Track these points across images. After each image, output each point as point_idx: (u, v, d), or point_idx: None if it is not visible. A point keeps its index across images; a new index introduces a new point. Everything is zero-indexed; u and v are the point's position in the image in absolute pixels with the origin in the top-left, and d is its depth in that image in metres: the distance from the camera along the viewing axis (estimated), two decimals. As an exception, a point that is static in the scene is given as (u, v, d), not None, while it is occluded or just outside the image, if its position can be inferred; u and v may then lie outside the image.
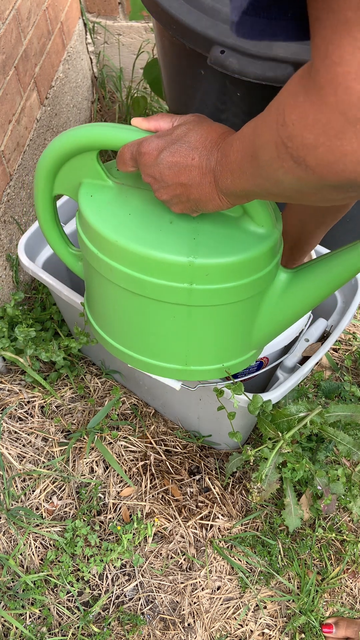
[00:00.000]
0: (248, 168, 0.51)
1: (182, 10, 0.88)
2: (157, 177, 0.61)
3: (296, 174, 0.43)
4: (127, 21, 1.76)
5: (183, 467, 1.22)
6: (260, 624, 1.06)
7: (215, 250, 0.66)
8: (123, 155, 0.65)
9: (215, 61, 0.84)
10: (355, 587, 1.11)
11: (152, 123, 0.65)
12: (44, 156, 0.72)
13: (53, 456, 1.20)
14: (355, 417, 0.98)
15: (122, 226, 0.69)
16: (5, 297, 1.32)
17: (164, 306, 0.71)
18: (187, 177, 0.58)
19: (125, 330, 0.80)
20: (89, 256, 0.74)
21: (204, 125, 0.60)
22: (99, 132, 0.67)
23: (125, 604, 1.07)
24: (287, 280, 0.73)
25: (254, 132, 0.49)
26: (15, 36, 1.24)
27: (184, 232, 0.67)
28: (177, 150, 0.58)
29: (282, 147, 0.43)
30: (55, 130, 1.56)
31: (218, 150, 0.56)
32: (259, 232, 0.69)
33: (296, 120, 0.40)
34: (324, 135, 0.38)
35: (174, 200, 0.63)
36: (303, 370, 0.97)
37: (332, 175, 0.40)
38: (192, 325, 0.73)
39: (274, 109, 0.44)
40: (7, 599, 1.05)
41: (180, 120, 0.64)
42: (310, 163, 0.41)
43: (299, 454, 0.98)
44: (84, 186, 0.73)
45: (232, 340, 0.77)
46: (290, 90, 0.41)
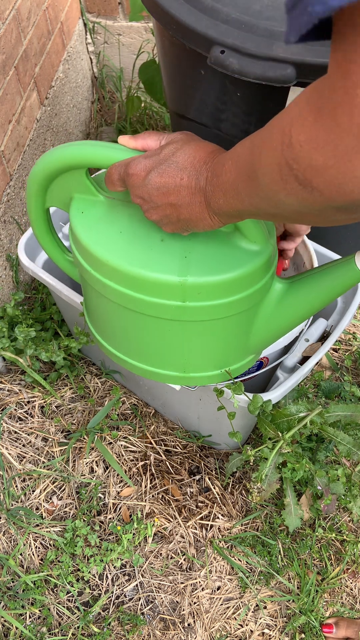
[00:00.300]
0: (243, 189, 0.49)
1: (182, 10, 0.88)
2: (145, 198, 0.60)
3: (300, 196, 0.42)
4: (127, 21, 1.76)
5: (183, 467, 1.22)
6: (260, 624, 1.06)
7: (207, 269, 0.66)
8: (111, 176, 0.64)
9: (215, 61, 0.83)
10: (355, 587, 1.11)
11: (139, 142, 0.64)
12: (33, 172, 0.72)
13: (53, 456, 1.20)
14: (355, 417, 0.98)
15: (113, 245, 0.69)
16: (5, 297, 1.32)
17: (158, 321, 0.71)
18: (176, 198, 0.57)
19: (122, 339, 0.80)
20: (82, 271, 0.74)
21: (191, 144, 0.59)
22: (86, 151, 0.66)
23: (125, 604, 1.07)
24: (283, 290, 0.73)
25: (251, 152, 0.47)
26: (15, 36, 1.24)
27: (175, 250, 0.67)
28: (165, 171, 0.57)
29: (286, 169, 0.42)
30: (55, 130, 1.57)
31: (207, 170, 0.55)
32: (252, 248, 0.68)
33: (304, 142, 0.39)
34: (334, 157, 0.37)
35: (164, 220, 0.62)
36: (303, 370, 0.97)
37: (340, 196, 0.39)
38: (188, 337, 0.73)
39: (277, 129, 0.43)
40: (7, 599, 1.05)
41: (167, 138, 0.63)
42: (317, 185, 0.40)
43: (299, 454, 0.98)
44: (75, 201, 0.73)
45: (229, 349, 0.77)
46: (298, 110, 0.40)
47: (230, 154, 0.52)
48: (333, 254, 1.14)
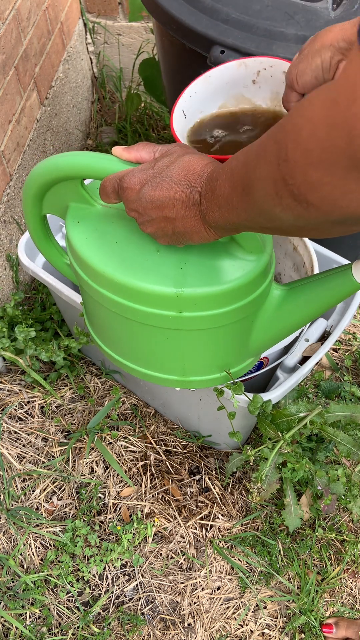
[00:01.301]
0: (238, 203, 0.49)
1: (182, 10, 0.89)
2: (140, 212, 0.60)
3: (296, 212, 0.42)
4: (127, 21, 1.76)
5: (183, 467, 1.22)
6: (260, 624, 1.06)
7: (203, 280, 0.66)
8: (105, 189, 0.64)
9: (215, 61, 0.84)
10: (355, 587, 1.11)
11: (133, 153, 0.64)
12: (28, 182, 0.72)
13: (53, 456, 1.20)
14: (355, 417, 0.98)
15: (109, 255, 0.68)
16: (5, 297, 1.32)
17: (155, 329, 0.71)
18: (171, 211, 0.57)
19: (121, 344, 0.80)
20: (80, 280, 0.74)
21: (185, 157, 0.58)
22: (80, 162, 0.66)
23: (125, 604, 1.07)
24: (282, 296, 0.72)
25: (246, 166, 0.47)
26: (15, 36, 1.24)
27: (171, 261, 0.67)
28: (159, 184, 0.57)
29: (281, 184, 0.41)
30: (55, 130, 1.57)
31: (201, 184, 0.55)
32: (248, 258, 0.68)
33: (299, 157, 0.38)
34: (329, 174, 0.37)
35: (159, 233, 0.62)
36: (303, 370, 0.97)
37: (336, 211, 0.39)
38: (185, 345, 0.73)
39: (273, 143, 0.42)
40: (7, 599, 1.05)
41: (161, 151, 0.62)
42: (313, 201, 0.40)
43: (299, 454, 0.98)
44: (71, 210, 0.73)
45: (227, 354, 0.78)
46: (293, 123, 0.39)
47: (224, 167, 0.52)
48: (333, 254, 1.14)
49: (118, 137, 1.84)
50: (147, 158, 0.64)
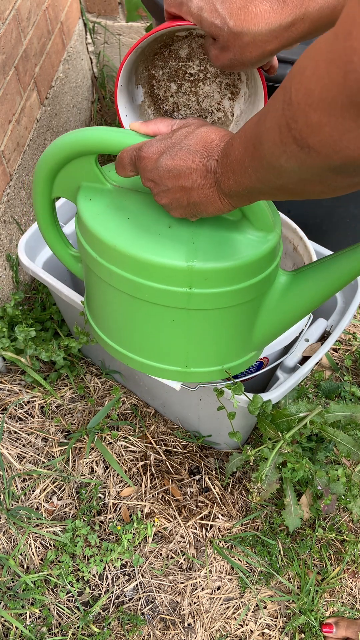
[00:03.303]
0: (250, 162, 0.50)
1: (182, 10, 0.88)
2: (156, 181, 0.61)
3: (299, 159, 0.43)
4: (127, 21, 1.76)
5: (183, 467, 1.22)
6: (260, 624, 1.06)
7: (214, 255, 0.66)
8: (122, 160, 0.65)
9: (215, 61, 0.83)
10: (355, 587, 1.11)
11: (150, 127, 0.65)
12: (42, 159, 0.72)
13: (53, 456, 1.20)
14: (355, 417, 0.98)
15: (120, 230, 0.69)
16: (5, 297, 1.32)
17: (162, 309, 0.71)
18: (188, 180, 0.58)
19: (125, 332, 0.80)
20: (88, 259, 0.74)
21: (203, 128, 0.59)
22: (97, 135, 0.67)
23: (125, 604, 1.07)
24: (287, 282, 0.73)
25: (257, 122, 0.48)
26: (15, 36, 1.24)
27: (182, 236, 0.67)
28: (176, 154, 0.58)
29: (285, 129, 0.42)
30: (55, 130, 1.56)
31: (218, 152, 0.56)
32: (258, 236, 0.69)
33: (302, 98, 0.39)
34: (327, 114, 0.37)
35: (174, 204, 0.62)
36: (303, 370, 0.97)
37: (336, 154, 0.39)
38: (192, 328, 0.73)
39: (281, 89, 0.43)
40: (7, 599, 1.05)
41: (179, 123, 0.63)
42: (313, 144, 0.40)
43: (299, 454, 0.98)
44: (83, 189, 0.73)
45: (232, 342, 0.77)
46: (299, 65, 0.40)
47: (239, 132, 0.53)
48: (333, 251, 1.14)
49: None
50: (164, 131, 0.64)
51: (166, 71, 0.80)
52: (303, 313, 0.75)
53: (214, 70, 0.79)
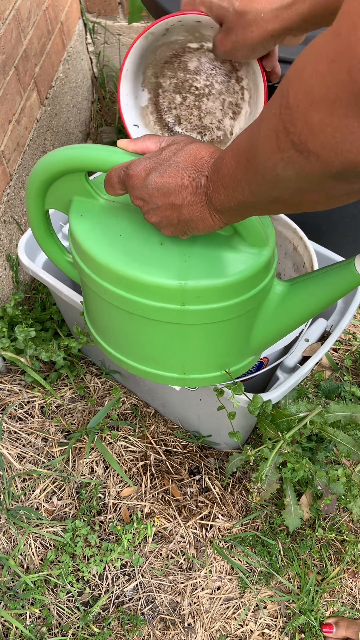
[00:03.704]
0: (243, 175, 0.49)
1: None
2: (146, 199, 0.60)
3: (297, 165, 0.42)
4: (129, 22, 1.76)
5: (183, 467, 1.22)
6: (260, 624, 1.06)
7: (206, 273, 0.66)
8: (111, 179, 0.64)
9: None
10: (355, 587, 1.11)
11: (139, 145, 0.64)
12: (32, 175, 0.72)
13: (53, 456, 1.20)
14: (355, 417, 0.98)
15: (112, 248, 0.68)
16: (5, 297, 1.32)
17: (157, 324, 0.71)
18: (177, 198, 0.57)
19: (121, 340, 0.80)
20: (82, 274, 0.74)
21: (192, 145, 0.58)
22: (85, 154, 0.66)
23: (125, 604, 1.07)
24: (283, 292, 0.72)
25: (251, 133, 0.47)
26: (15, 36, 1.24)
27: (174, 254, 0.67)
28: (165, 171, 0.57)
29: (283, 135, 0.41)
30: (55, 130, 1.57)
31: (208, 168, 0.55)
32: (251, 251, 0.68)
33: (301, 99, 0.38)
34: (330, 114, 0.36)
35: (164, 222, 0.61)
36: (303, 370, 0.97)
37: (337, 158, 0.38)
38: (187, 340, 0.73)
39: (278, 93, 0.42)
40: (7, 599, 1.05)
41: (167, 141, 0.62)
42: (313, 148, 0.39)
43: (299, 454, 0.98)
44: (74, 204, 0.73)
45: (229, 350, 0.77)
46: (296, 66, 0.39)
47: (230, 147, 0.52)
48: (333, 254, 1.14)
49: (118, 137, 1.84)
50: (153, 148, 0.64)
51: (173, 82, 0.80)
52: (300, 321, 0.74)
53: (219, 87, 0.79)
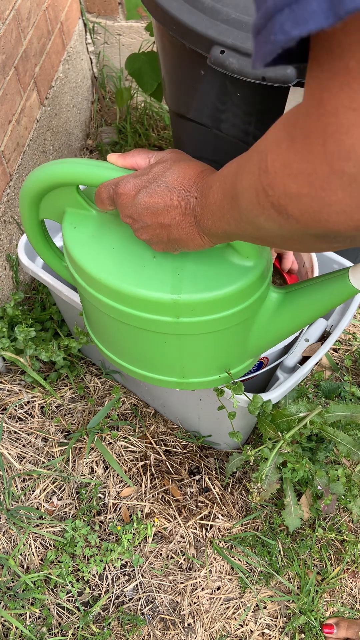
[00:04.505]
0: (228, 210, 0.49)
1: (182, 10, 0.88)
2: (135, 218, 0.60)
3: (277, 222, 0.42)
4: (127, 21, 1.76)
5: (183, 467, 1.22)
6: (260, 624, 1.06)
7: (199, 286, 0.66)
8: (100, 195, 0.64)
9: (215, 61, 0.83)
10: (355, 587, 1.11)
11: (128, 160, 0.64)
12: (24, 189, 0.72)
13: (53, 456, 1.20)
14: (355, 417, 0.98)
15: (106, 262, 0.69)
16: (5, 297, 1.32)
17: (153, 334, 0.71)
18: (166, 218, 0.57)
19: (120, 347, 0.80)
20: (78, 286, 0.74)
21: (181, 163, 0.58)
22: (74, 170, 0.66)
23: (125, 604, 1.07)
24: (279, 300, 0.72)
25: (235, 174, 0.47)
26: (15, 36, 1.24)
27: (167, 267, 0.67)
28: (154, 191, 0.57)
29: (262, 195, 0.41)
30: (55, 130, 1.57)
31: (197, 190, 0.55)
32: (244, 263, 0.68)
33: (279, 169, 0.38)
34: (308, 185, 0.36)
35: (154, 239, 0.61)
36: (303, 370, 0.97)
37: (316, 224, 0.39)
38: (184, 348, 0.73)
39: (256, 153, 0.42)
40: (7, 599, 1.05)
41: (157, 157, 0.62)
42: (292, 212, 0.39)
43: (299, 454, 0.98)
44: (67, 216, 0.73)
45: (226, 356, 0.78)
46: (275, 136, 0.39)
47: (218, 175, 0.52)
48: (333, 254, 1.14)
49: (118, 137, 1.84)
50: (142, 164, 0.63)
51: None
52: (296, 329, 0.74)
53: None
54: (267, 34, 0.31)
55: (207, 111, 1.01)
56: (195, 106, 1.03)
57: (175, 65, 1.02)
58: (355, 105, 0.31)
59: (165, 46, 1.02)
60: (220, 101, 0.97)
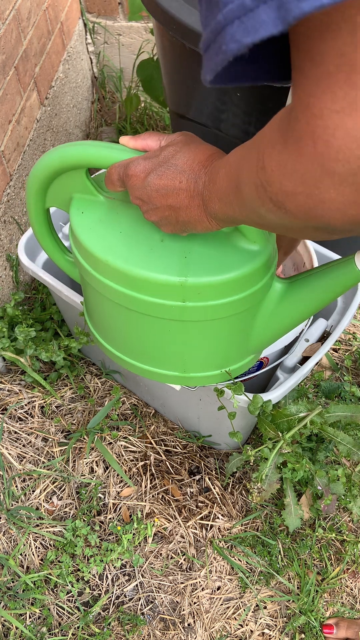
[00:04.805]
0: (234, 198, 0.50)
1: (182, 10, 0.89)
2: (145, 200, 0.60)
3: (277, 215, 0.44)
4: (127, 21, 1.76)
5: (183, 467, 1.22)
6: (260, 624, 1.06)
7: (206, 269, 0.66)
8: (111, 176, 0.65)
9: (215, 61, 0.83)
10: (355, 587, 1.11)
11: (139, 142, 0.65)
12: (32, 173, 0.72)
13: (53, 456, 1.20)
14: (355, 417, 0.98)
15: (113, 245, 0.69)
16: (5, 297, 1.32)
17: (157, 320, 0.71)
18: (175, 200, 0.58)
19: (122, 339, 0.80)
20: (83, 271, 0.74)
21: (191, 146, 0.59)
22: (86, 151, 0.66)
23: (125, 604, 1.07)
24: (283, 290, 0.73)
25: (238, 165, 0.48)
26: (15, 36, 1.24)
27: (175, 250, 0.67)
28: (164, 173, 0.58)
29: (261, 189, 0.43)
30: (55, 130, 1.57)
31: (206, 174, 0.55)
32: (251, 248, 0.68)
33: (275, 168, 0.40)
34: (302, 184, 0.38)
35: (163, 221, 0.62)
36: (303, 370, 0.97)
37: (312, 219, 0.41)
38: (187, 337, 0.73)
39: (254, 150, 0.44)
40: (7, 599, 1.05)
41: (167, 140, 0.63)
42: (289, 208, 0.41)
43: (299, 454, 0.98)
44: (75, 201, 0.73)
45: (229, 348, 0.77)
46: (269, 137, 0.41)
47: (225, 161, 0.52)
48: (333, 253, 1.14)
49: (118, 137, 1.84)
50: (153, 146, 0.64)
51: None
52: (299, 320, 0.74)
53: None
54: (218, 45, 0.33)
55: (207, 111, 1.01)
56: (195, 106, 1.03)
57: (175, 65, 1.02)
58: (338, 108, 0.33)
59: (165, 46, 1.02)
60: (220, 101, 0.97)
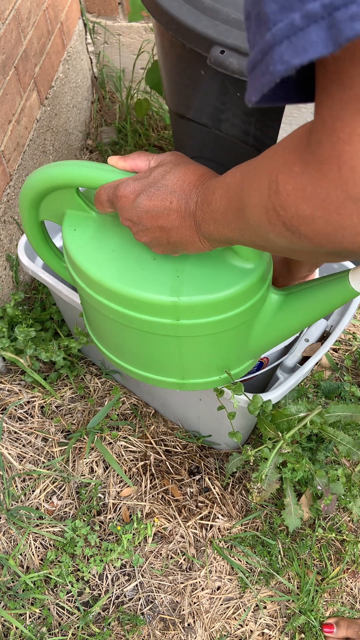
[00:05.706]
0: (233, 220, 0.49)
1: (182, 10, 0.88)
2: (135, 221, 0.60)
3: (289, 239, 0.42)
4: (127, 21, 1.76)
5: (183, 467, 1.22)
6: (260, 624, 1.06)
7: (199, 288, 0.66)
8: (100, 197, 0.64)
9: (215, 61, 0.83)
10: (355, 587, 1.11)
11: (128, 162, 0.64)
12: (23, 190, 0.71)
13: (53, 456, 1.20)
14: (355, 417, 0.98)
15: (106, 264, 0.69)
16: (5, 297, 1.32)
17: (153, 336, 0.71)
18: (166, 221, 0.57)
19: (120, 348, 0.80)
20: (78, 287, 0.74)
21: (181, 166, 0.58)
22: (74, 172, 0.66)
23: (125, 604, 1.07)
24: (279, 301, 0.72)
25: (241, 186, 0.46)
26: (15, 36, 1.24)
27: (167, 269, 0.67)
28: (154, 194, 0.57)
29: (273, 213, 0.41)
30: (55, 130, 1.57)
31: (197, 194, 0.54)
32: (245, 265, 0.68)
33: (291, 191, 0.38)
34: (322, 209, 0.37)
35: (154, 242, 0.61)
36: (303, 370, 0.97)
37: (329, 244, 0.39)
38: (184, 350, 0.73)
39: (265, 172, 0.42)
40: (7, 599, 1.05)
41: (157, 160, 0.62)
42: (305, 233, 0.40)
43: (299, 454, 0.98)
44: (67, 217, 0.73)
45: (227, 357, 0.78)
46: (286, 158, 0.39)
47: (220, 182, 0.51)
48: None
49: (118, 137, 1.84)
50: (142, 167, 0.63)
51: None
52: (296, 330, 0.74)
53: None
54: (265, 66, 0.32)
55: (207, 111, 1.01)
56: (195, 106, 1.03)
57: (175, 66, 1.02)
58: None
59: (165, 46, 1.02)
60: (220, 101, 0.97)
